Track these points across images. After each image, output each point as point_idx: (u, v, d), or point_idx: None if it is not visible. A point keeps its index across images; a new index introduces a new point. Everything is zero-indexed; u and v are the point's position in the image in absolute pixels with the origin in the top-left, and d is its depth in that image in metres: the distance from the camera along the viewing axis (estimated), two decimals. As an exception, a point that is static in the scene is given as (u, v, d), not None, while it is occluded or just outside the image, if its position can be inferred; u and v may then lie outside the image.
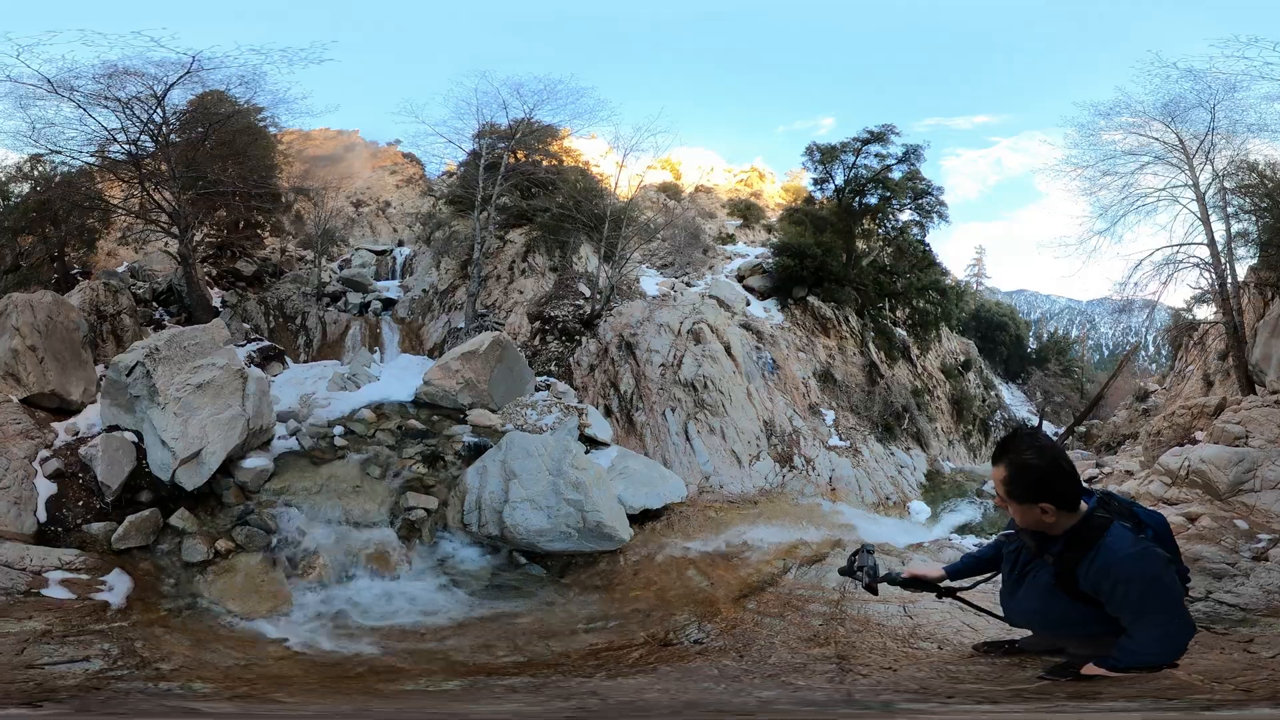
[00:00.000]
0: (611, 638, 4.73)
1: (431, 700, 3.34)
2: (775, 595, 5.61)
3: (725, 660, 3.95)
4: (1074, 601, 1.78)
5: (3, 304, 7.85)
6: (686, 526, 7.72)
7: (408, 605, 5.34)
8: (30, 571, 4.73)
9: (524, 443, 6.88)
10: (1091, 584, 1.72)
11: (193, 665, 3.79)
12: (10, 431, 6.42)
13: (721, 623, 4.89)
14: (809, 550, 7.30)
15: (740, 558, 6.98)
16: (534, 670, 4.02)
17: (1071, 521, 1.76)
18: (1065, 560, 1.76)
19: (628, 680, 3.64)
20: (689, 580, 6.20)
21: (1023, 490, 1.75)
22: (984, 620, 3.89)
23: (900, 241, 16.19)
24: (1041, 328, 39.45)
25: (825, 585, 5.80)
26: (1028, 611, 2.03)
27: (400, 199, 21.64)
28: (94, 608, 4.53)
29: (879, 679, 3.17)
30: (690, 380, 10.63)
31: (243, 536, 5.81)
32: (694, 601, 5.60)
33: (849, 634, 4.30)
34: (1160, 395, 17.95)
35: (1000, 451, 1.81)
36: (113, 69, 9.83)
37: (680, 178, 25.04)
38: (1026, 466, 1.74)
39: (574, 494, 6.41)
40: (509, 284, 13.28)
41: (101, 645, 3.83)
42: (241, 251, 13.94)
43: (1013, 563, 2.03)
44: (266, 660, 4.14)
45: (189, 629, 4.53)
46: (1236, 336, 10.46)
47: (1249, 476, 6.92)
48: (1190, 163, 10.31)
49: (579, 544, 6.40)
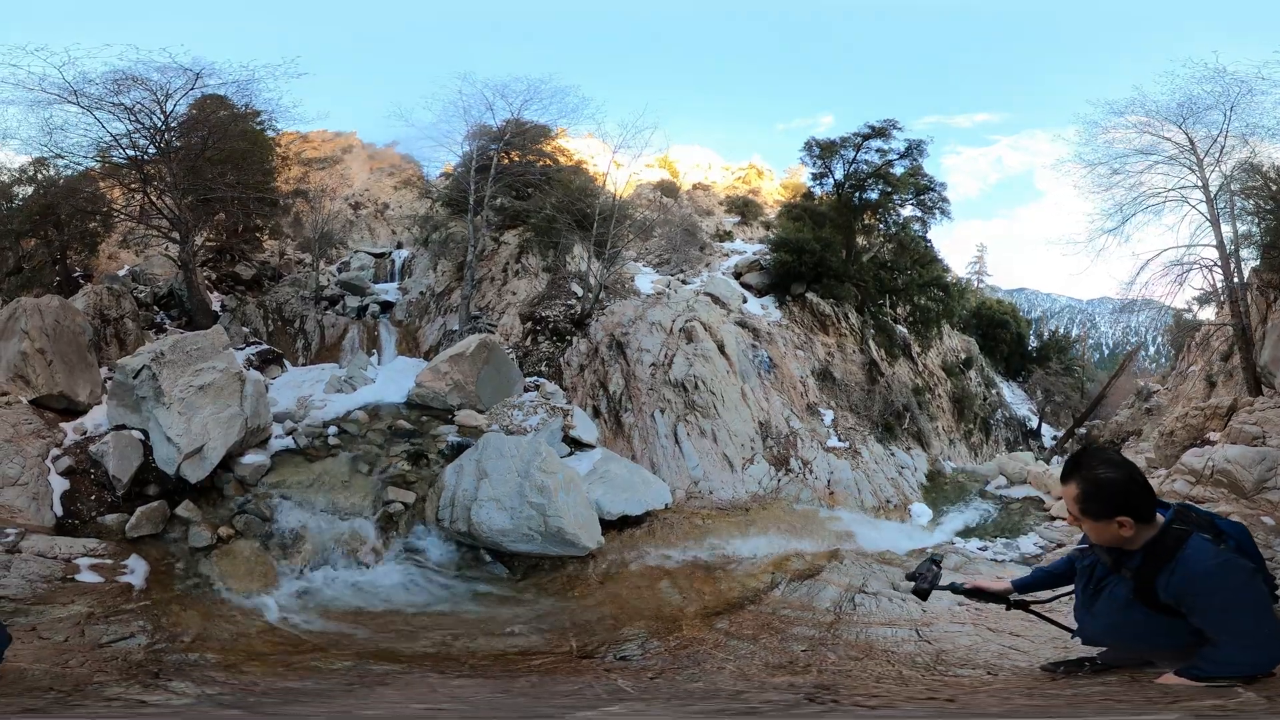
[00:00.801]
0: (535, 642, 4.70)
1: (318, 677, 3.64)
2: (754, 614, 5.30)
3: (639, 680, 3.53)
4: (1155, 613, 1.75)
5: (11, 308, 8.14)
6: (669, 534, 7.48)
7: (370, 591, 5.76)
8: (61, 559, 5.15)
9: (499, 443, 7.10)
10: (1173, 596, 1.70)
11: (204, 638, 4.35)
12: (23, 431, 6.78)
13: (674, 641, 4.60)
14: (803, 563, 7.02)
15: (724, 570, 6.69)
16: (437, 664, 4.16)
17: (1149, 534, 1.74)
18: (1144, 573, 1.75)
19: (468, 682, 3.57)
20: (660, 593, 5.96)
21: (1098, 506, 1.74)
22: (1024, 640, 3.70)
23: (902, 237, 15.98)
24: (1042, 326, 38.89)
25: (817, 605, 5.43)
26: (1106, 627, 1.99)
27: (398, 201, 21.77)
28: (122, 589, 5.04)
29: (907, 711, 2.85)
30: (680, 380, 10.45)
31: (241, 524, 6.31)
32: (656, 616, 5.37)
33: (842, 661, 3.95)
34: (1162, 395, 17.74)
35: (1071, 468, 1.79)
36: (122, 75, 10.15)
37: (678, 176, 24.98)
38: (1101, 482, 1.73)
39: (537, 497, 6.48)
40: (503, 285, 13.31)
41: (138, 623, 4.34)
42: (241, 255, 14.13)
43: (1087, 578, 2.00)
44: (251, 634, 4.66)
45: (199, 605, 5.09)
46: (1245, 339, 10.55)
47: (1271, 475, 7.12)
48: (1201, 164, 10.35)
49: (543, 547, 6.46)
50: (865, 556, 7.57)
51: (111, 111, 10.31)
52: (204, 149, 11.33)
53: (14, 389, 7.49)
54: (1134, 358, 23.87)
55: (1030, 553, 8.76)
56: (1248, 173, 10.50)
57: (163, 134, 10.93)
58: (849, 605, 5.45)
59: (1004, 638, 4.04)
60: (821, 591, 5.78)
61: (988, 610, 4.76)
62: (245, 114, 12.33)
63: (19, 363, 7.60)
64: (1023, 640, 3.89)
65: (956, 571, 7.54)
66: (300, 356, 12.26)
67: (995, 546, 9.09)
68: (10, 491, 5.80)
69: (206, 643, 4.24)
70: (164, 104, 10.64)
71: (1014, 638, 4.00)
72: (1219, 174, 10.38)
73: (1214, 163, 10.29)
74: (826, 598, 5.58)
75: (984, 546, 9.15)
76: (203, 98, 11.40)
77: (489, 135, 13.19)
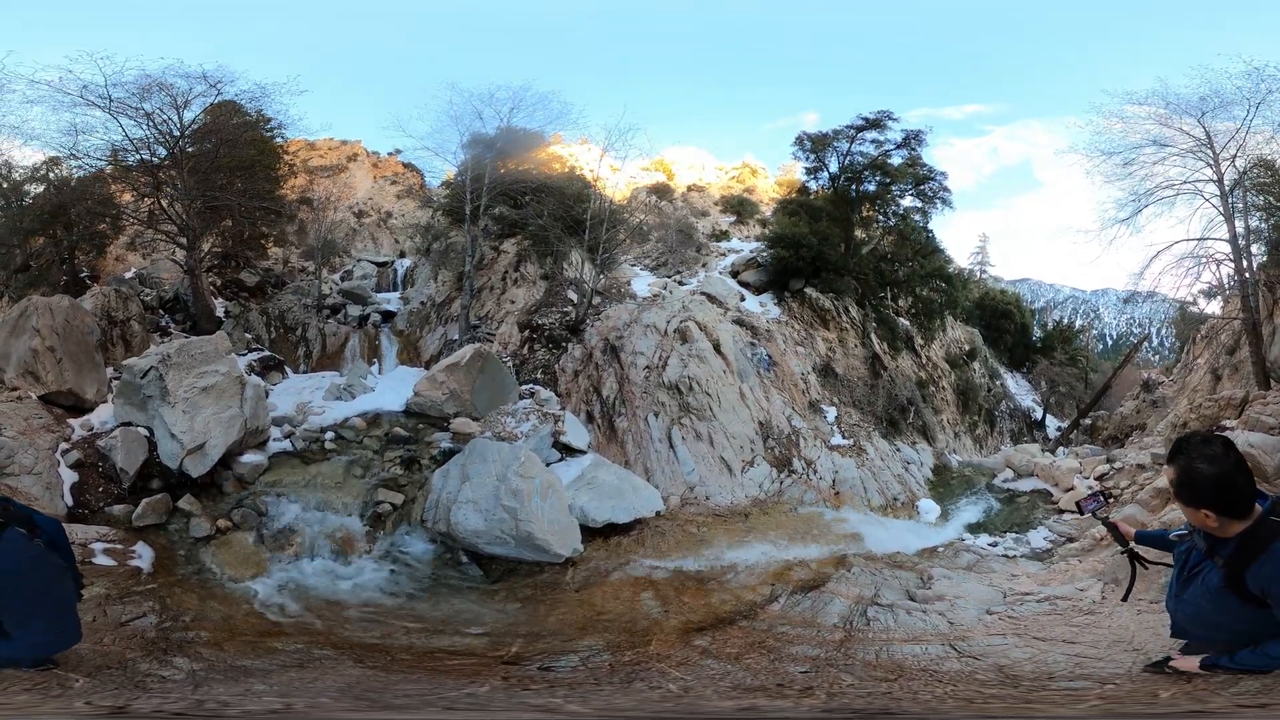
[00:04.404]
0: (476, 644, 4.72)
1: (269, 658, 3.95)
2: (745, 631, 4.88)
3: (553, 692, 3.37)
4: (1245, 604, 1.81)
5: (23, 306, 8.38)
6: (660, 543, 7.22)
7: (349, 584, 6.08)
8: (78, 544, 5.52)
9: (483, 448, 7.34)
10: (1259, 587, 1.76)
11: (200, 618, 4.75)
12: (34, 425, 7.15)
13: (628, 656, 4.25)
14: (806, 572, 6.64)
15: (719, 581, 6.34)
16: (366, 654, 4.33)
17: (1243, 526, 1.79)
18: (1236, 563, 1.80)
19: (368, 673, 3.67)
20: (639, 605, 5.66)
21: (1188, 495, 1.81)
22: (1083, 647, 3.39)
23: (902, 228, 15.63)
24: (1046, 316, 38.07)
25: (822, 620, 4.94)
26: (1195, 614, 2.03)
27: (401, 209, 21.77)
28: (132, 573, 5.46)
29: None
30: (674, 383, 10.29)
31: (238, 517, 6.70)
32: (626, 629, 5.08)
33: (863, 682, 3.46)
34: (1168, 388, 17.30)
35: (1174, 452, 1.86)
36: (150, 80, 10.54)
37: (673, 178, 24.86)
38: (1194, 473, 1.78)
39: (511, 501, 6.64)
40: (501, 294, 13.29)
41: (148, 603, 4.72)
42: (245, 262, 14.23)
43: (1183, 563, 2.06)
44: (237, 616, 5.07)
45: (198, 589, 5.49)
46: (1255, 333, 10.58)
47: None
48: (1217, 158, 10.39)
49: (516, 551, 6.60)
50: (875, 561, 7.33)
51: (132, 117, 10.65)
52: (216, 156, 11.62)
53: (24, 385, 7.73)
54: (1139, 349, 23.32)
55: (1040, 547, 8.58)
56: (1260, 169, 10.54)
57: (177, 140, 11.22)
58: (860, 620, 5.05)
59: (1059, 646, 3.79)
60: (828, 605, 5.34)
61: (1023, 618, 4.64)
62: (256, 120, 12.35)
63: (29, 359, 7.82)
64: (1082, 646, 3.68)
65: (969, 570, 7.26)
66: (301, 364, 12.39)
67: (1005, 542, 8.93)
68: (27, 480, 6.17)
69: (201, 622, 4.64)
70: (181, 111, 10.98)
71: (1069, 645, 3.76)
72: (1233, 170, 10.36)
73: (1229, 158, 10.28)
74: (833, 612, 5.15)
75: (994, 542, 8.96)
76: (217, 103, 11.67)
77: (483, 143, 13.11)
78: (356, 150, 24.19)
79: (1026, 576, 6.52)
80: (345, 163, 22.51)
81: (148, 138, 10.78)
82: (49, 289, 10.96)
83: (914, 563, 7.34)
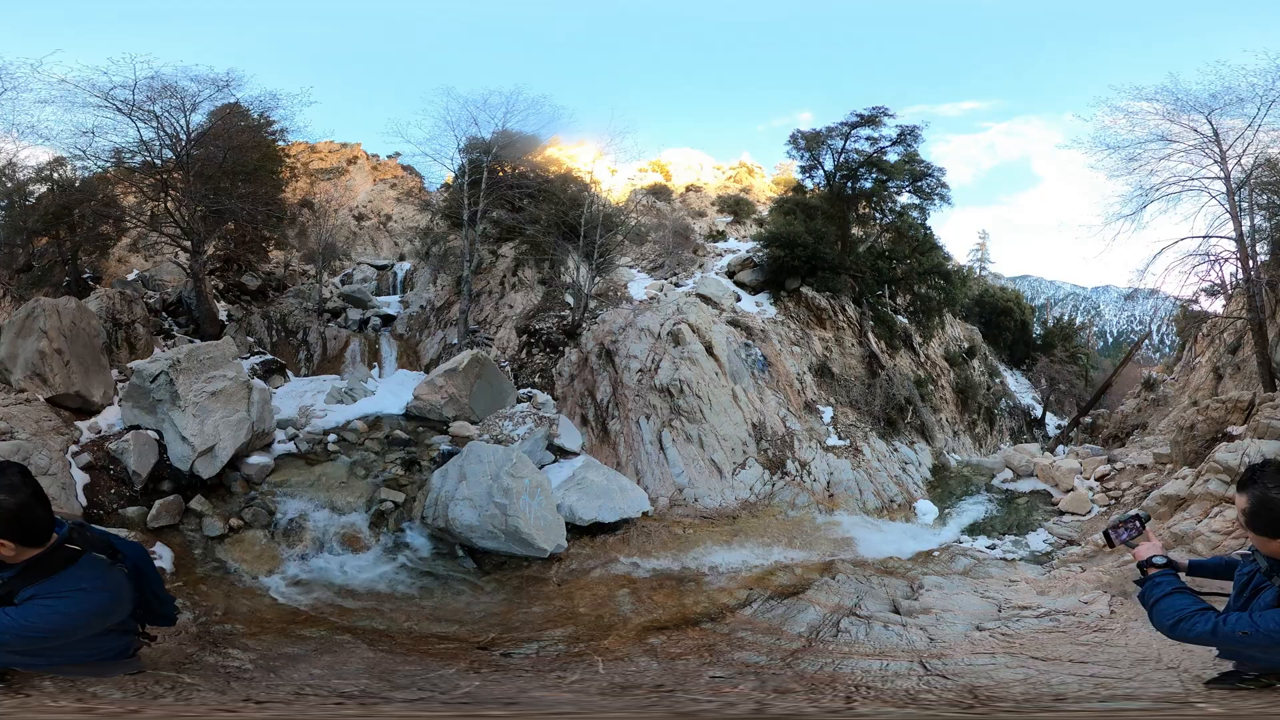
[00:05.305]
0: (461, 630, 5.03)
1: (301, 644, 4.27)
2: (705, 633, 4.90)
3: (500, 674, 3.70)
4: None
5: (30, 307, 8.38)
6: (646, 543, 7.36)
7: (357, 576, 6.43)
8: None
9: (479, 450, 7.64)
10: None
11: (230, 612, 5.02)
12: (45, 427, 7.30)
13: (579, 648, 4.48)
14: (790, 577, 6.63)
15: (697, 582, 6.45)
16: (377, 638, 4.67)
17: None
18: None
19: (377, 655, 4.06)
20: (613, 602, 5.83)
21: (1263, 524, 1.80)
22: (1097, 666, 3.16)
23: (899, 225, 15.57)
24: (1046, 313, 37.71)
25: (788, 628, 4.85)
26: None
27: (401, 213, 21.87)
28: None
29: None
30: (665, 386, 10.44)
31: (249, 516, 7.01)
32: (594, 624, 5.25)
33: (769, 694, 3.27)
34: (1169, 386, 17.12)
35: (1247, 480, 1.84)
36: (161, 82, 10.64)
37: (670, 179, 24.90)
38: (1270, 503, 1.77)
39: (502, 498, 6.96)
40: (500, 299, 13.43)
41: (179, 600, 4.92)
42: (248, 266, 14.34)
43: (1243, 585, 2.03)
44: (263, 608, 5.37)
45: (220, 585, 5.73)
46: (1260, 333, 10.52)
47: (1304, 471, 6.77)
48: (1224, 155, 10.34)
49: (506, 545, 6.92)
50: (865, 567, 7.31)
51: (142, 119, 10.79)
52: (222, 161, 11.72)
53: (31, 387, 7.74)
54: (1140, 346, 23.10)
55: (1039, 550, 8.58)
56: (1261, 167, 10.46)
57: (183, 143, 11.33)
58: (829, 631, 4.96)
59: (1065, 666, 3.53)
60: (801, 613, 5.31)
61: (1019, 635, 4.39)
62: (260, 123, 12.42)
63: (37, 361, 7.81)
64: (1097, 666, 3.41)
65: (965, 575, 7.22)
66: (302, 367, 12.57)
67: (1004, 544, 8.92)
68: (43, 481, 6.34)
69: (233, 616, 4.93)
70: (188, 114, 11.09)
71: (1079, 665, 3.48)
72: (1240, 168, 10.31)
73: (1237, 155, 10.21)
74: (803, 621, 5.12)
75: (992, 545, 9.00)
76: (222, 106, 11.78)
77: (480, 148, 13.18)
78: (356, 153, 24.34)
79: (1025, 582, 6.49)
80: (345, 165, 22.64)
81: (155, 140, 10.87)
82: (52, 290, 11.03)
83: (906, 569, 7.31)
